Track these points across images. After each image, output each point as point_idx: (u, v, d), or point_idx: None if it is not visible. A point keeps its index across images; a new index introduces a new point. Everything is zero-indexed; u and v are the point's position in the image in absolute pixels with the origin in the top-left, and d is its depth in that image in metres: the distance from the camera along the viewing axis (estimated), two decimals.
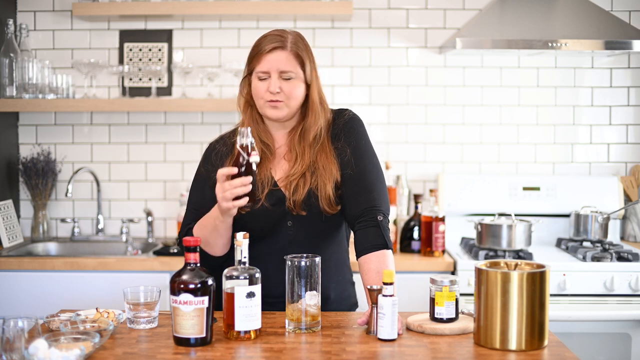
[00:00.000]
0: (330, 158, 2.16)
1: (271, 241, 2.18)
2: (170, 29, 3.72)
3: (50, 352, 1.62)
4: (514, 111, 3.74)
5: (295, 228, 2.17)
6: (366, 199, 2.14)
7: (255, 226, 2.15)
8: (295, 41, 2.15)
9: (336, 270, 2.24)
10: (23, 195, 3.74)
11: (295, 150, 2.18)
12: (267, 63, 2.12)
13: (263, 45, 2.13)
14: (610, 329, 3.08)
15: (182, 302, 1.82)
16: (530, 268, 1.90)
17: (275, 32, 2.16)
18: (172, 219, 3.74)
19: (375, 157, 2.23)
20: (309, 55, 2.17)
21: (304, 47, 2.16)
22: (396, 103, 3.72)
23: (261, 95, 2.14)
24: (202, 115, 3.73)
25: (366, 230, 2.12)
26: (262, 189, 2.15)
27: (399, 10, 3.70)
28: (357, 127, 2.23)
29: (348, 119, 2.23)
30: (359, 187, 2.15)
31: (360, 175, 2.16)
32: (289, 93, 2.13)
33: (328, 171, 2.14)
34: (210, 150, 2.27)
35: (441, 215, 3.32)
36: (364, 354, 1.80)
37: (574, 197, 3.61)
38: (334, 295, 2.23)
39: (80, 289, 3.15)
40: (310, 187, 2.13)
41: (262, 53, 2.12)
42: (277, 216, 2.16)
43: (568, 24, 3.38)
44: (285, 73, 2.12)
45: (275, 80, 2.12)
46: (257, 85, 2.14)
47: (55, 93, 3.55)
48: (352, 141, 2.20)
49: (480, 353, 1.81)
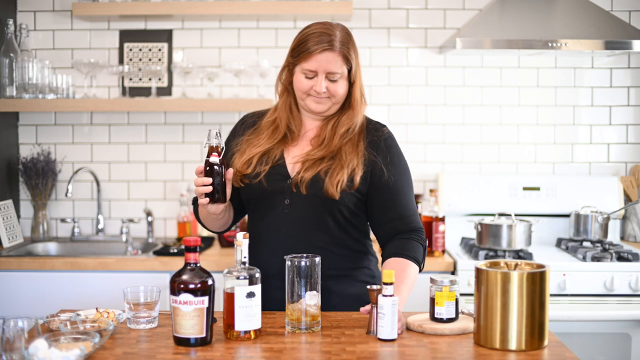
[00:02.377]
0: (355, 152, 2.19)
1: (268, 219, 2.21)
2: (170, 29, 3.72)
3: (50, 352, 1.62)
4: (514, 111, 3.74)
5: (291, 207, 2.18)
6: (407, 219, 2.22)
7: (251, 196, 2.22)
8: (343, 40, 2.17)
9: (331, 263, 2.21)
10: (23, 195, 3.74)
11: (324, 137, 2.21)
12: (315, 63, 2.15)
13: (312, 44, 2.15)
14: (610, 329, 3.08)
15: (182, 302, 1.82)
16: (530, 268, 1.90)
17: (323, 28, 2.17)
18: (172, 219, 3.74)
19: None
20: (355, 53, 2.20)
21: (351, 46, 2.19)
22: (396, 103, 3.72)
23: (304, 90, 2.18)
24: (202, 115, 3.73)
25: (410, 242, 2.19)
26: (266, 164, 2.19)
27: (399, 10, 3.70)
28: (397, 146, 2.28)
29: (389, 135, 2.27)
30: (395, 203, 2.21)
31: (396, 190, 2.21)
32: (334, 92, 2.18)
33: (349, 160, 2.17)
34: (240, 121, 2.35)
35: (441, 215, 3.32)
36: (364, 354, 1.80)
37: (574, 197, 3.61)
38: (332, 287, 2.20)
39: (80, 289, 3.15)
40: (320, 170, 2.16)
41: (310, 52, 2.15)
42: (274, 192, 2.19)
43: (568, 24, 3.38)
44: (332, 74, 2.16)
45: (322, 80, 2.16)
46: (302, 81, 2.18)
47: (55, 93, 3.55)
48: (394, 160, 2.23)
49: (480, 353, 1.81)
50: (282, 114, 2.26)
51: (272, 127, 2.26)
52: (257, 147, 2.23)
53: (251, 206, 2.27)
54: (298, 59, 2.18)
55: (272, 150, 2.22)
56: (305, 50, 2.16)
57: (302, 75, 2.18)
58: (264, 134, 2.25)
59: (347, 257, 2.23)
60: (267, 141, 2.23)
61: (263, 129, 2.27)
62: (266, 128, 2.27)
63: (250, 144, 2.24)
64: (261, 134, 2.26)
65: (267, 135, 2.24)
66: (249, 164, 2.21)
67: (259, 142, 2.24)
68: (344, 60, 2.16)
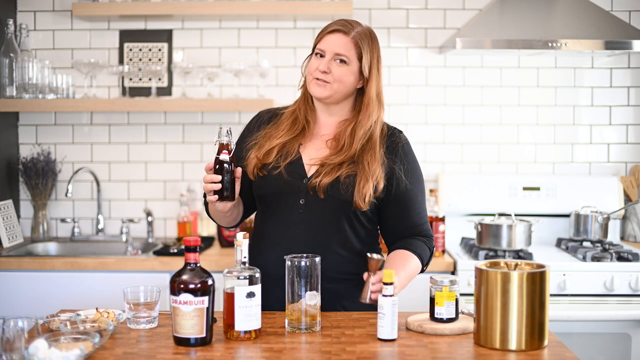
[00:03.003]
0: (377, 160, 2.18)
1: (280, 217, 2.20)
2: (170, 29, 3.72)
3: (50, 352, 1.62)
4: (514, 111, 3.74)
5: (306, 208, 2.17)
6: (419, 228, 2.24)
7: (266, 191, 2.21)
8: (361, 33, 2.19)
9: (342, 267, 2.21)
10: (23, 195, 3.74)
11: (344, 141, 2.20)
12: (325, 43, 2.18)
13: (329, 26, 2.20)
14: (610, 329, 3.08)
15: (182, 302, 1.82)
16: (530, 268, 1.90)
17: (347, 20, 2.22)
18: (172, 219, 3.74)
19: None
20: (372, 50, 2.21)
21: (368, 41, 2.20)
22: (396, 103, 3.72)
23: (311, 72, 2.20)
24: (202, 115, 3.73)
25: (417, 241, 2.22)
26: (284, 158, 2.18)
27: (399, 10, 3.70)
28: (413, 153, 2.29)
29: (406, 142, 2.29)
30: (409, 212, 2.23)
31: (411, 199, 2.23)
32: (337, 76, 2.17)
33: (373, 170, 2.16)
34: (256, 117, 2.36)
35: (441, 215, 3.32)
36: (364, 354, 1.80)
37: (574, 197, 3.61)
38: (344, 292, 2.19)
39: (80, 289, 3.15)
40: (339, 175, 2.15)
41: (324, 32, 2.19)
42: (290, 189, 2.18)
43: (568, 24, 3.38)
44: (339, 56, 2.16)
45: (327, 60, 2.17)
46: (312, 62, 2.21)
47: (55, 93, 3.55)
48: (410, 167, 2.24)
49: (480, 353, 1.81)
50: (301, 105, 2.28)
51: (292, 118, 2.27)
52: (278, 138, 2.23)
53: (264, 202, 2.25)
54: (315, 43, 2.22)
55: (291, 145, 2.22)
56: (322, 32, 2.21)
57: (314, 57, 2.21)
58: (284, 124, 2.26)
59: (357, 262, 2.22)
60: (287, 133, 2.23)
61: (283, 120, 2.28)
62: (286, 119, 2.27)
63: (271, 136, 2.24)
64: (281, 125, 2.26)
65: (287, 127, 2.25)
66: (270, 154, 2.20)
67: (278, 133, 2.24)
68: (355, 48, 2.17)
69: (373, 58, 2.21)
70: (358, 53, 2.18)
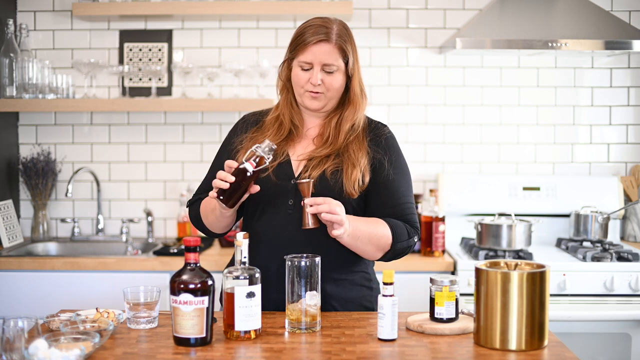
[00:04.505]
0: (362, 150, 2.19)
1: (268, 218, 2.19)
2: (170, 29, 3.72)
3: (50, 352, 1.62)
4: (514, 111, 3.74)
5: (294, 208, 2.16)
6: (404, 217, 2.20)
7: (255, 194, 2.14)
8: (340, 33, 2.16)
9: (331, 266, 2.20)
10: (23, 195, 3.74)
11: (328, 134, 2.20)
12: (310, 55, 2.14)
13: (308, 35, 2.15)
14: (610, 329, 3.08)
15: (182, 302, 1.82)
16: (530, 268, 1.90)
17: (320, 21, 2.18)
18: (172, 219, 3.74)
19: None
20: (352, 47, 2.19)
21: (348, 40, 2.18)
22: (396, 103, 3.72)
23: (301, 85, 2.17)
24: (202, 115, 3.73)
25: (398, 221, 2.17)
26: (272, 160, 2.16)
27: (399, 10, 3.70)
28: (398, 147, 2.27)
29: (389, 135, 2.27)
30: (394, 203, 2.20)
31: (395, 189, 2.20)
32: (330, 85, 2.16)
33: (359, 158, 2.16)
34: (241, 120, 2.34)
35: (441, 215, 3.32)
36: (364, 354, 1.80)
37: (574, 197, 3.61)
38: (331, 292, 2.19)
39: (80, 289, 3.15)
40: (326, 168, 2.15)
41: (306, 44, 2.14)
42: (279, 190, 2.17)
43: (568, 24, 3.38)
44: (328, 66, 2.15)
45: (317, 72, 2.15)
46: (299, 74, 2.17)
47: (55, 93, 3.55)
48: (393, 158, 2.23)
49: (480, 353, 1.81)
50: (284, 110, 2.25)
51: (276, 124, 2.24)
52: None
53: (251, 204, 2.23)
54: (295, 52, 2.17)
55: (278, 147, 2.20)
56: (302, 42, 2.15)
57: (299, 69, 2.17)
58: (269, 131, 2.24)
59: (345, 261, 2.21)
60: (274, 138, 2.21)
61: (267, 126, 2.25)
62: (271, 125, 2.25)
63: (256, 140, 2.21)
64: (266, 131, 2.24)
65: (273, 132, 2.23)
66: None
67: (264, 138, 2.22)
68: (340, 53, 2.15)
69: (354, 54, 2.20)
70: (343, 57, 2.16)
